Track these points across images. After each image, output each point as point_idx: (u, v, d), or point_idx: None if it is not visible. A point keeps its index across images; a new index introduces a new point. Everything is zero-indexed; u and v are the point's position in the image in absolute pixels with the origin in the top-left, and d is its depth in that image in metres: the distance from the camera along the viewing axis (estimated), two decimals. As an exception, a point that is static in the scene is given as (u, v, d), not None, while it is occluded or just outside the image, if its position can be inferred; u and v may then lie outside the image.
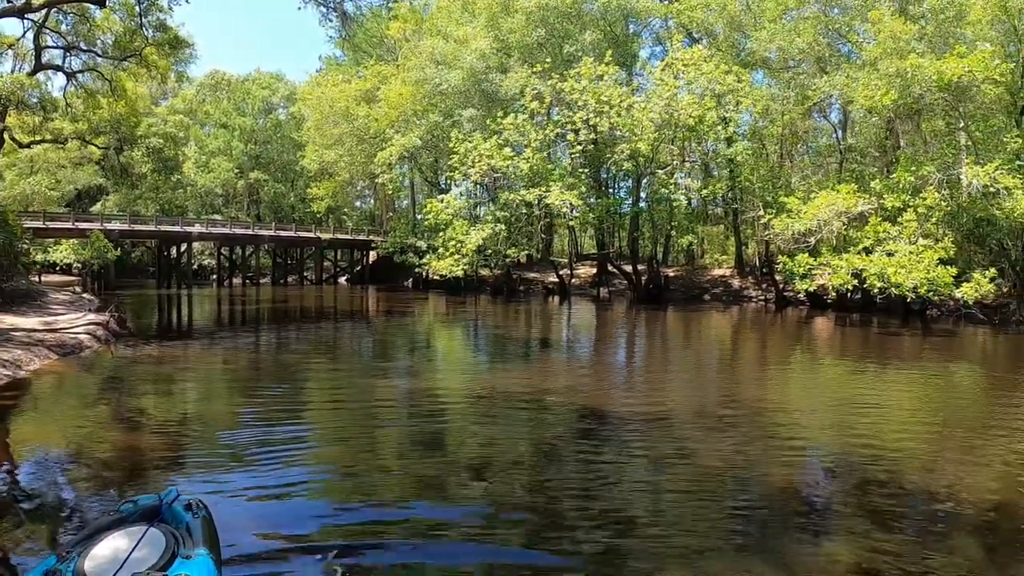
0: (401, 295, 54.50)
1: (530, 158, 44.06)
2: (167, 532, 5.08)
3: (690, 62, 41.25)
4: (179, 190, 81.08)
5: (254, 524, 7.38)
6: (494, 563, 6.55)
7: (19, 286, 28.47)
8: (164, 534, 5.03)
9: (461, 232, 46.86)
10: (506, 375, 17.80)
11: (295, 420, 12.77)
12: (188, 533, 5.29)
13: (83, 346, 19.60)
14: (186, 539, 5.15)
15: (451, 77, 53.75)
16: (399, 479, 9.10)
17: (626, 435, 11.31)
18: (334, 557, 6.53)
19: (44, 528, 7.34)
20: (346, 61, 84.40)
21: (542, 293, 54.36)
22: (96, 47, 47.26)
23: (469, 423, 12.23)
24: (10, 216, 31.06)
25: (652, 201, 46.78)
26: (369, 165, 65.08)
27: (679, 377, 17.94)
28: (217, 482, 8.54)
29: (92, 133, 56.98)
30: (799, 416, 13.04)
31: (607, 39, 51.27)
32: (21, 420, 12.29)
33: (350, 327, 31.63)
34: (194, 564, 4.83)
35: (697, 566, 6.33)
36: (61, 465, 9.43)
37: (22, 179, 70.14)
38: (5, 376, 14.59)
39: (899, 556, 6.56)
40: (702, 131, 41.59)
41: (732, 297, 47.13)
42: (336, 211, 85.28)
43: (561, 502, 8.12)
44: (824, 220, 34.83)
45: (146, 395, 14.61)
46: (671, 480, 8.87)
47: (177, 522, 5.51)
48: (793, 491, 8.65)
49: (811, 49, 41.05)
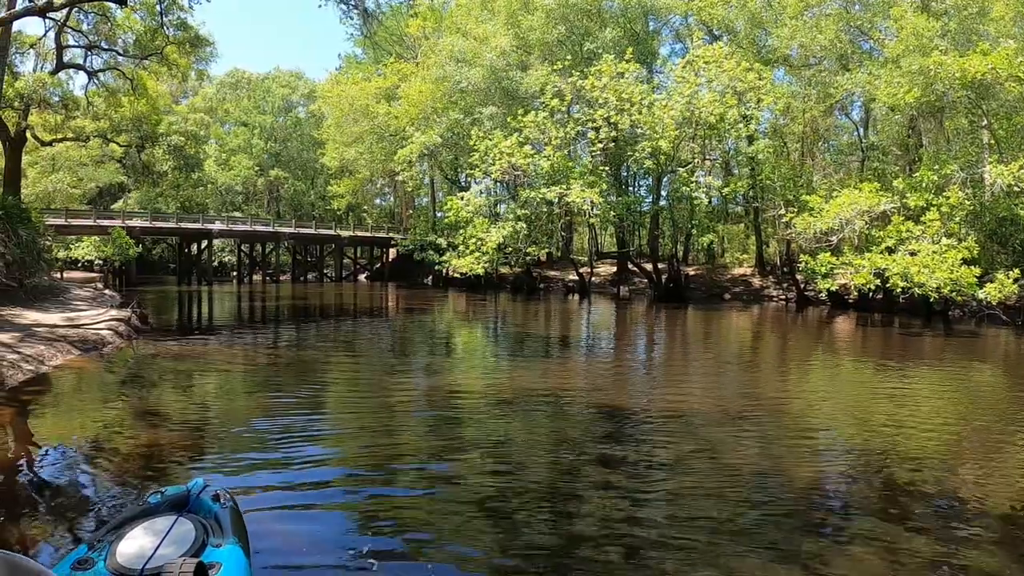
0: (421, 292, 54.64)
1: (550, 156, 44.01)
2: (196, 522, 5.11)
3: (711, 59, 41.09)
4: (200, 187, 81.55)
5: (276, 517, 7.41)
6: (512, 560, 6.51)
7: (41, 282, 28.61)
8: (193, 524, 5.06)
9: (482, 230, 46.85)
10: (526, 373, 17.75)
11: (315, 417, 12.76)
12: (217, 523, 5.32)
13: (105, 342, 19.68)
14: (215, 529, 5.18)
15: (471, 75, 53.80)
16: (419, 475, 9.09)
17: (647, 434, 11.25)
18: (366, 553, 6.55)
19: (70, 519, 7.36)
20: (366, 59, 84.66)
21: (562, 291, 54.42)
22: (117, 46, 47.68)
23: (488, 421, 12.19)
24: (33, 213, 31.27)
25: (672, 199, 46.63)
26: (389, 163, 65.33)
27: (700, 376, 17.84)
28: (238, 476, 8.55)
29: (114, 131, 57.38)
30: (821, 416, 12.93)
31: (627, 36, 51.21)
32: (44, 414, 12.35)
33: (370, 324, 31.65)
34: (224, 552, 4.85)
35: (721, 566, 6.28)
36: (84, 458, 9.46)
37: (44, 177, 70.63)
38: (28, 371, 14.65)
39: (923, 557, 6.49)
40: (723, 129, 41.40)
41: (752, 296, 47.00)
42: (356, 208, 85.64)
43: (581, 501, 8.08)
44: (846, 219, 34.61)
45: (167, 390, 14.66)
46: (693, 479, 8.80)
47: (205, 512, 5.55)
48: (817, 491, 8.58)
49: (833, 46, 40.85)
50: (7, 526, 7.09)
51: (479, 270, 47.60)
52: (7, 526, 7.09)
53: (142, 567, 4.42)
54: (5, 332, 17.64)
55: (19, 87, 42.26)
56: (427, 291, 56.97)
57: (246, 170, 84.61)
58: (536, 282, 56.90)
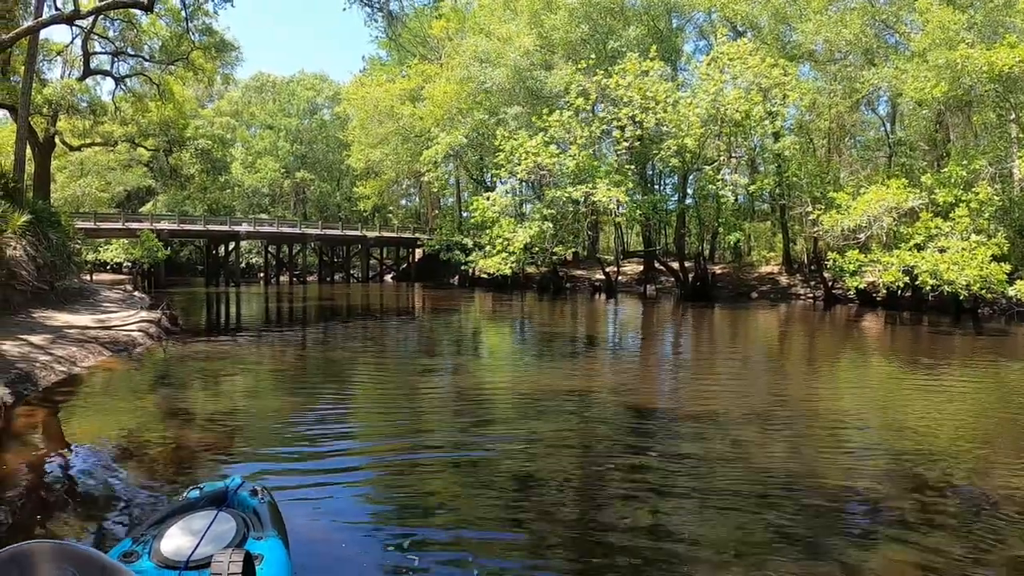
0: (447, 292, 54.75)
1: (576, 155, 43.94)
2: (236, 516, 5.18)
3: (735, 56, 40.89)
4: (227, 190, 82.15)
5: (313, 512, 7.50)
6: (538, 561, 6.52)
7: (72, 285, 28.88)
8: (234, 518, 5.12)
9: (508, 230, 46.87)
10: (553, 372, 17.76)
11: (345, 415, 12.89)
12: (257, 517, 5.41)
13: (136, 343, 19.86)
14: (255, 523, 5.26)
15: (495, 75, 53.80)
16: (450, 472, 9.16)
17: (675, 433, 11.22)
18: (407, 547, 6.63)
19: (106, 515, 7.47)
20: (390, 61, 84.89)
21: (589, 290, 54.35)
22: (143, 52, 48.24)
23: (517, 420, 12.21)
24: (63, 217, 31.58)
25: (699, 198, 46.48)
26: (414, 164, 65.43)
27: (727, 375, 17.77)
28: (271, 473, 8.60)
29: (141, 135, 58.09)
30: (851, 416, 12.84)
31: (651, 34, 51.01)
32: (77, 414, 12.46)
33: (397, 324, 31.76)
34: (266, 545, 4.92)
35: (751, 568, 6.27)
36: (118, 456, 9.56)
37: (73, 181, 71.38)
38: (61, 372, 14.82)
39: (955, 557, 6.44)
40: (749, 126, 41.18)
41: (780, 295, 46.72)
42: (382, 209, 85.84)
43: (610, 499, 8.09)
44: (874, 216, 34.36)
45: (198, 390, 14.81)
46: (722, 478, 8.75)
47: (244, 507, 5.63)
48: (847, 490, 8.51)
49: (858, 40, 40.53)
50: (47, 522, 7.20)
51: (506, 270, 47.58)
52: (47, 522, 7.20)
53: (186, 559, 4.49)
54: (37, 334, 17.82)
55: (47, 94, 42.75)
56: (453, 291, 57.06)
57: (272, 172, 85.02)
58: (563, 282, 56.84)
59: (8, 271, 20.63)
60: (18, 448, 9.92)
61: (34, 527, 7.13)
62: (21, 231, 22.52)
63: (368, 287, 63.41)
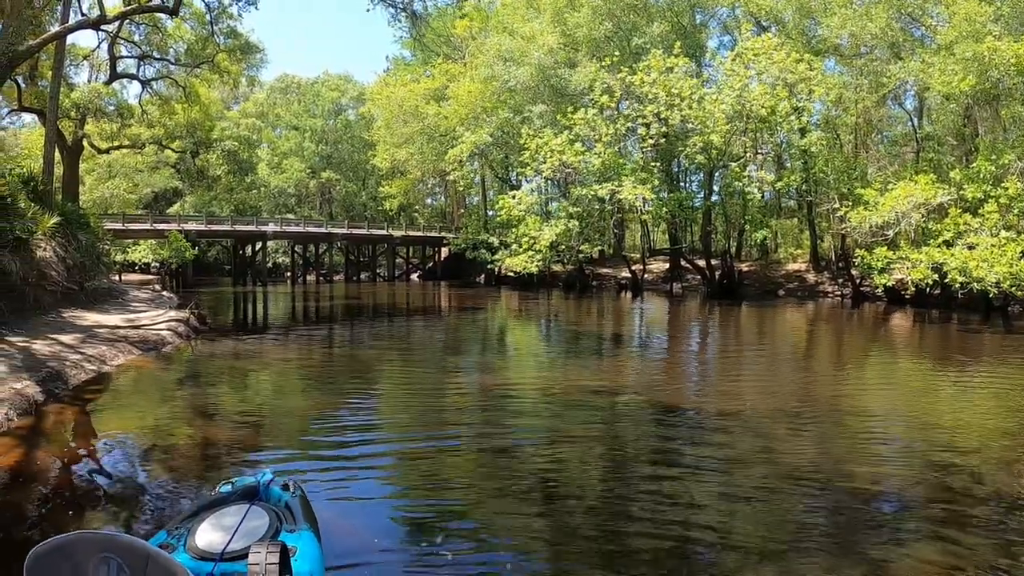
0: (473, 291, 54.78)
1: (601, 153, 43.88)
2: (269, 510, 5.25)
3: (760, 51, 40.68)
4: (253, 190, 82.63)
5: (343, 507, 7.57)
6: (565, 558, 6.52)
7: (101, 285, 29.13)
8: (266, 511, 5.19)
9: (534, 228, 46.90)
10: (580, 370, 17.75)
11: (372, 412, 13.00)
12: (289, 511, 5.48)
13: (165, 342, 20.01)
14: (287, 516, 5.32)
15: (519, 73, 53.77)
16: (477, 469, 9.21)
17: (702, 432, 11.17)
18: (440, 543, 6.67)
19: (137, 510, 7.56)
20: (414, 61, 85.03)
21: (615, 288, 54.22)
22: (169, 55, 48.65)
23: (541, 418, 12.22)
24: (91, 218, 31.84)
25: (725, 195, 46.28)
26: (440, 163, 65.51)
27: (755, 373, 17.67)
28: (300, 469, 8.63)
29: (168, 138, 58.64)
30: (879, 415, 12.73)
31: (675, 30, 50.80)
32: (108, 411, 12.58)
33: (423, 323, 31.83)
34: (299, 538, 4.97)
35: (780, 567, 6.24)
36: (148, 453, 9.66)
37: (101, 183, 72.05)
38: (91, 371, 14.95)
39: (985, 558, 6.37)
40: (774, 122, 40.93)
41: (807, 292, 46.39)
42: (407, 208, 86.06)
43: (637, 498, 8.05)
44: (902, 212, 34.06)
45: (227, 388, 14.95)
46: (749, 477, 8.71)
47: (276, 501, 5.71)
48: (876, 490, 8.44)
49: (884, 34, 40.09)
50: (78, 517, 7.27)
51: (532, 268, 47.66)
52: (78, 517, 7.27)
53: (221, 552, 4.55)
54: (67, 333, 17.98)
55: (75, 98, 43.18)
56: (479, 289, 57.09)
57: (298, 173, 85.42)
58: (588, 280, 56.74)
59: (38, 272, 20.82)
60: (49, 445, 10.02)
61: (65, 521, 7.20)
62: (51, 233, 22.71)
63: (394, 286, 63.54)
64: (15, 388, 11.82)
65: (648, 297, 46.92)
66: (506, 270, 55.23)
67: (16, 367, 13.21)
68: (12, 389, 11.70)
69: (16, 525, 7.17)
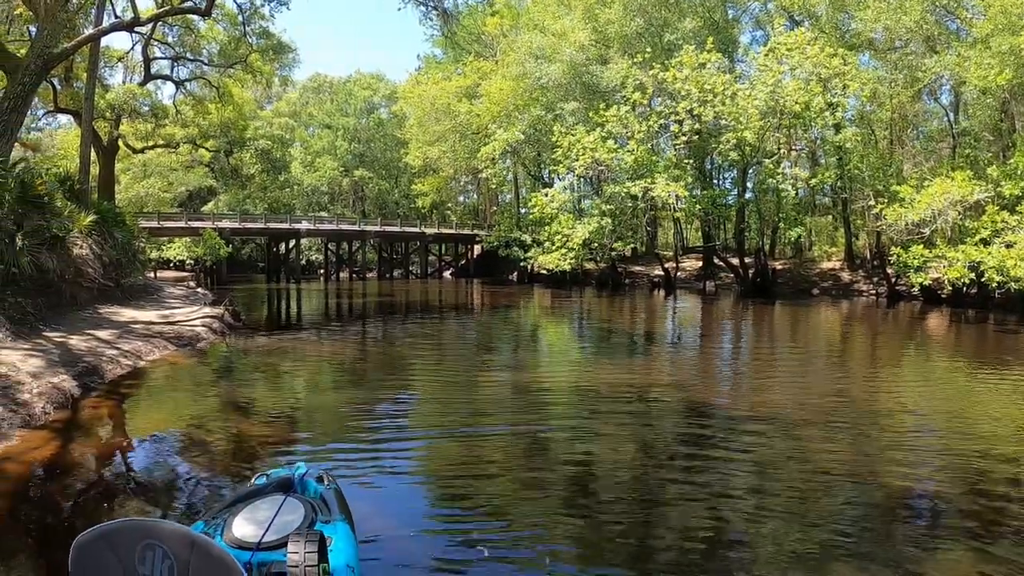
0: (506, 288, 54.84)
1: (634, 150, 43.75)
2: (304, 501, 5.27)
3: (794, 46, 40.27)
4: (286, 189, 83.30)
5: (377, 502, 7.63)
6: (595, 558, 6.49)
7: (137, 282, 29.54)
8: (302, 503, 5.21)
9: (567, 226, 46.87)
10: (612, 368, 17.72)
11: (403, 409, 13.02)
12: (324, 502, 5.50)
13: (200, 338, 20.18)
14: (322, 508, 5.34)
15: (551, 71, 53.69)
16: (505, 465, 9.20)
17: (734, 432, 11.03)
18: (475, 539, 6.68)
19: (172, 503, 7.64)
20: (445, 59, 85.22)
21: (647, 286, 54.04)
22: (202, 56, 49.16)
23: (572, 417, 12.16)
24: (127, 217, 32.22)
25: (758, 192, 45.95)
26: (472, 160, 65.64)
27: (788, 373, 17.47)
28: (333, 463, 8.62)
29: (202, 137, 59.40)
30: (914, 417, 12.53)
31: (707, 26, 50.48)
32: (143, 406, 12.73)
33: (456, 320, 31.87)
34: (334, 528, 5.01)
35: (811, 569, 6.17)
36: (182, 446, 9.78)
37: (137, 183, 73.02)
38: (127, 365, 15.11)
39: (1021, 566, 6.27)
40: (808, 118, 40.56)
41: (841, 291, 45.92)
42: (440, 206, 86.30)
43: (667, 498, 8.02)
44: (938, 210, 33.59)
45: (260, 383, 15.08)
46: (782, 478, 8.62)
47: (311, 493, 5.76)
48: (910, 494, 8.35)
49: (919, 28, 39.50)
50: (113, 509, 7.34)
51: (566, 266, 47.65)
52: (113, 509, 7.34)
53: (258, 540, 4.58)
54: (104, 329, 18.17)
55: (110, 99, 43.74)
56: (512, 287, 57.17)
57: (331, 171, 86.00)
58: (621, 277, 56.57)
59: (75, 269, 21.06)
60: (85, 438, 10.14)
61: (101, 513, 7.30)
62: (87, 231, 22.98)
63: (427, 283, 63.78)
64: (52, 382, 11.95)
65: (681, 295, 46.72)
66: (539, 268, 55.22)
67: (53, 362, 13.36)
68: (49, 383, 11.84)
69: (54, 516, 7.28)
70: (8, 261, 16.65)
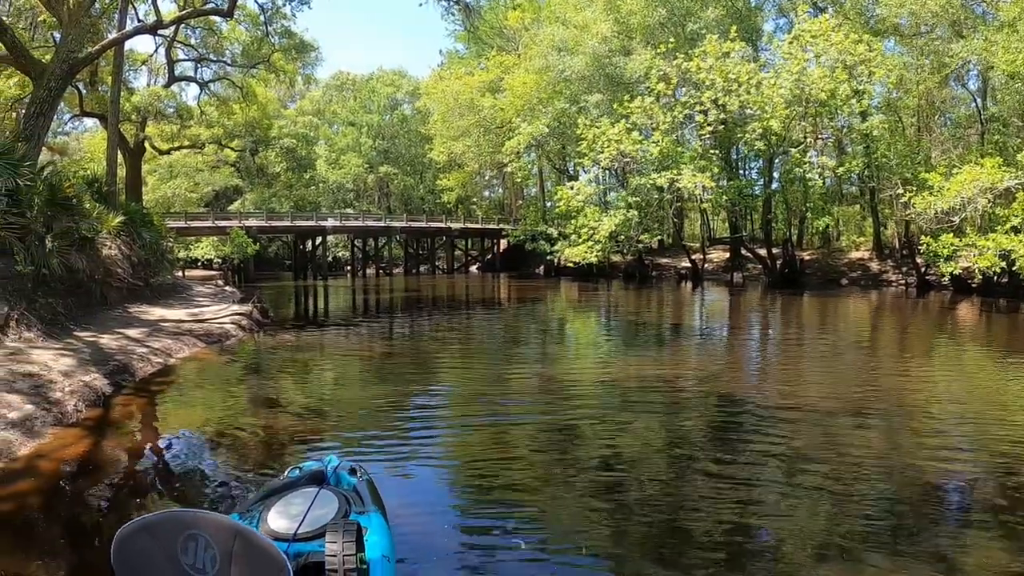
0: (532, 282, 54.78)
1: (659, 141, 43.61)
2: (337, 493, 5.27)
3: (818, 33, 39.95)
4: (312, 187, 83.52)
5: (409, 494, 7.67)
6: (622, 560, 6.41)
7: (165, 281, 29.80)
8: (335, 495, 5.21)
9: (593, 219, 46.79)
10: (640, 361, 17.63)
11: (431, 403, 13.00)
12: (357, 495, 5.52)
13: (229, 335, 20.29)
14: (356, 500, 5.36)
15: (574, 63, 53.61)
16: (533, 458, 9.21)
17: (763, 424, 10.94)
18: (511, 530, 6.71)
19: (203, 498, 7.65)
20: (467, 54, 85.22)
21: (674, 278, 53.88)
22: (225, 57, 49.52)
23: (601, 411, 12.05)
24: (155, 217, 32.52)
25: (785, 181, 45.63)
26: (497, 155, 65.59)
27: (818, 365, 17.28)
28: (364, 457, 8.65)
29: (227, 137, 59.97)
30: (946, 408, 12.32)
31: (730, 15, 50.13)
32: (173, 403, 12.79)
33: (483, 314, 31.85)
34: (369, 520, 5.03)
35: (842, 564, 6.10)
36: (212, 443, 9.81)
37: (163, 183, 73.68)
38: (157, 363, 15.22)
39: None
40: (835, 106, 40.23)
41: (870, 281, 45.49)
42: (465, 201, 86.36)
43: (696, 491, 7.93)
44: (968, 197, 33.18)
45: (289, 379, 15.10)
46: (812, 471, 8.49)
47: (344, 485, 5.78)
48: (946, 487, 8.25)
49: (944, 12, 39.11)
50: (144, 504, 7.38)
51: (593, 259, 47.60)
52: (144, 504, 7.38)
53: (294, 532, 4.59)
54: (134, 328, 18.30)
55: (135, 101, 44.25)
56: (539, 281, 57.04)
57: (356, 168, 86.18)
58: (648, 270, 56.38)
59: (104, 269, 21.23)
60: (117, 435, 10.20)
61: (133, 509, 7.31)
62: (116, 231, 23.17)
63: (454, 278, 63.79)
64: (84, 381, 12.04)
65: (708, 287, 46.54)
66: (566, 261, 55.13)
67: (84, 361, 13.47)
68: (81, 382, 11.93)
69: (88, 513, 7.32)
70: (38, 262, 16.78)
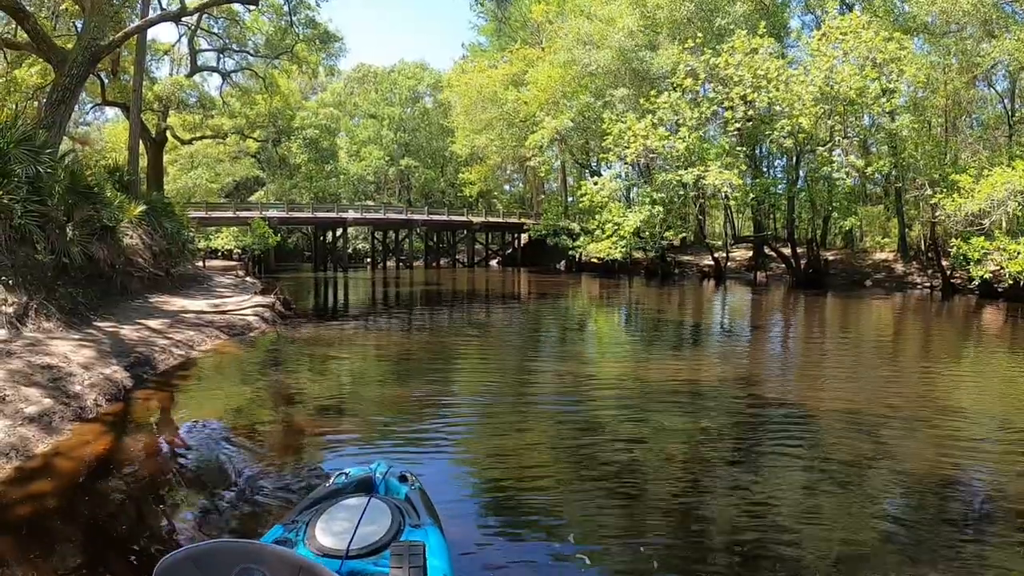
0: (553, 277, 54.63)
1: (686, 137, 43.29)
2: (389, 503, 4.99)
3: (848, 29, 39.51)
4: (333, 178, 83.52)
5: (454, 501, 7.37)
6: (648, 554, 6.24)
7: (186, 271, 29.78)
8: (388, 505, 4.94)
9: (617, 214, 46.57)
10: (662, 361, 17.43)
11: (453, 401, 12.79)
12: (411, 505, 5.22)
13: (251, 327, 20.15)
14: (409, 511, 5.06)
15: (599, 57, 53.24)
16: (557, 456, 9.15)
17: (786, 426, 10.82)
18: (570, 538, 6.48)
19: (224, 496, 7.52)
20: (490, 47, 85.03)
21: (697, 276, 53.64)
22: (248, 47, 49.51)
23: (622, 412, 11.79)
24: (176, 207, 32.45)
25: (810, 180, 45.23)
26: (519, 149, 65.37)
27: (843, 368, 16.97)
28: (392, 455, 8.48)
29: (249, 128, 59.96)
30: (971, 415, 12.06)
31: (758, 10, 49.79)
32: (195, 396, 12.63)
33: (503, 309, 31.70)
34: (425, 534, 4.73)
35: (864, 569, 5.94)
36: (235, 438, 9.63)
37: (184, 173, 73.83)
38: (179, 356, 15.06)
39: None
40: (863, 104, 39.78)
41: (895, 283, 44.99)
42: (486, 195, 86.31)
43: (718, 494, 7.75)
44: (998, 200, 32.67)
45: (312, 373, 14.98)
46: (836, 477, 8.30)
47: (395, 494, 5.47)
48: (968, 495, 8.03)
49: (975, 11, 38.58)
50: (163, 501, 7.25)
51: (616, 255, 47.51)
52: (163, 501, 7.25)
53: (346, 549, 4.30)
54: (155, 319, 18.16)
55: (157, 91, 44.35)
56: (560, 276, 56.96)
57: (377, 160, 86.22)
58: (671, 267, 56.09)
59: (125, 259, 21.16)
60: (138, 431, 9.98)
61: (151, 506, 7.22)
62: (137, 221, 23.11)
63: (474, 272, 63.83)
64: (104, 374, 11.84)
65: (731, 286, 46.28)
66: (588, 257, 54.96)
67: (105, 352, 13.28)
68: (101, 375, 11.72)
69: (106, 510, 7.09)
70: (59, 251, 16.68)
